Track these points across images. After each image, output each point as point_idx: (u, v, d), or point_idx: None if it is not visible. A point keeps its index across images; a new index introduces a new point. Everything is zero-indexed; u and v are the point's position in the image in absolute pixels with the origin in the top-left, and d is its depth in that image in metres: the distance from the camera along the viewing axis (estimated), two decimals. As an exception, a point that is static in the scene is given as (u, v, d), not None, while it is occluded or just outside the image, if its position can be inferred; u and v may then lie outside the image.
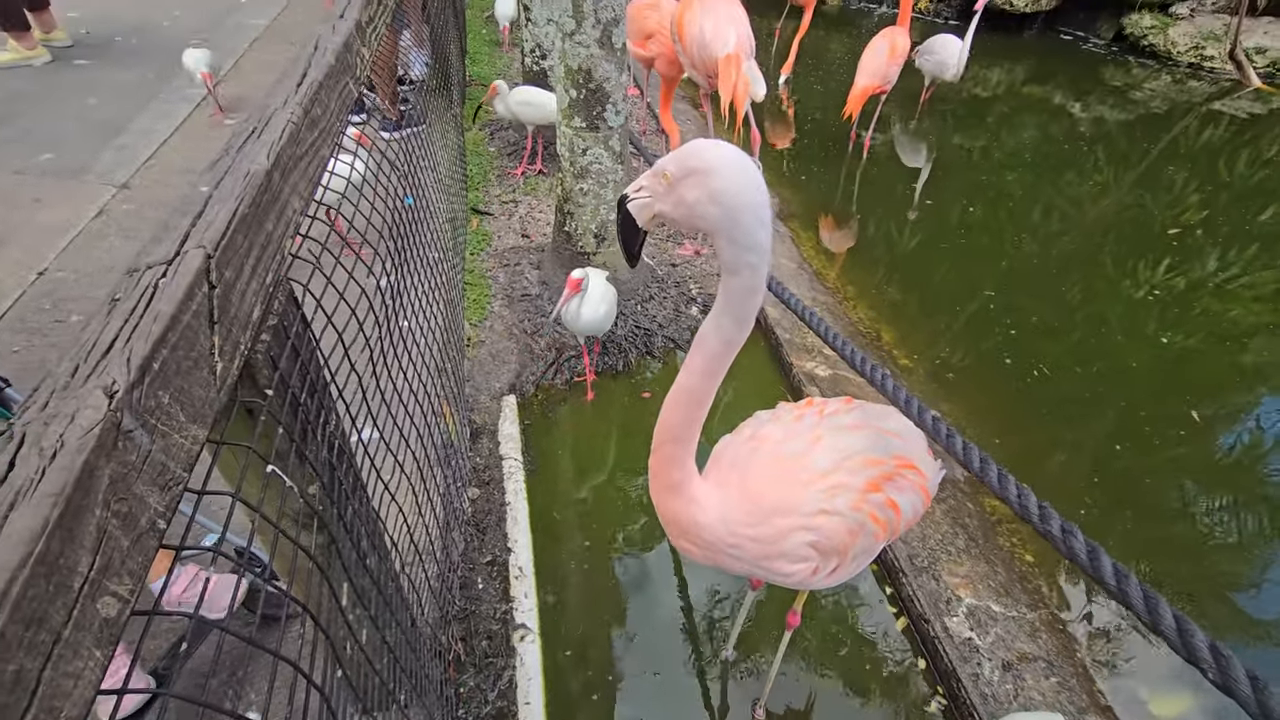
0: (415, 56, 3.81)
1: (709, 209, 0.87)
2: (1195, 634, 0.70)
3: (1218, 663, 0.67)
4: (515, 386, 2.56)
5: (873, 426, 1.34)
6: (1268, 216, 4.29)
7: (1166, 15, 6.69)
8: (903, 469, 1.31)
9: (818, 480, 1.22)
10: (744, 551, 1.18)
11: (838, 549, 1.23)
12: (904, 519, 1.32)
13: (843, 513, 1.21)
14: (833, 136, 5.01)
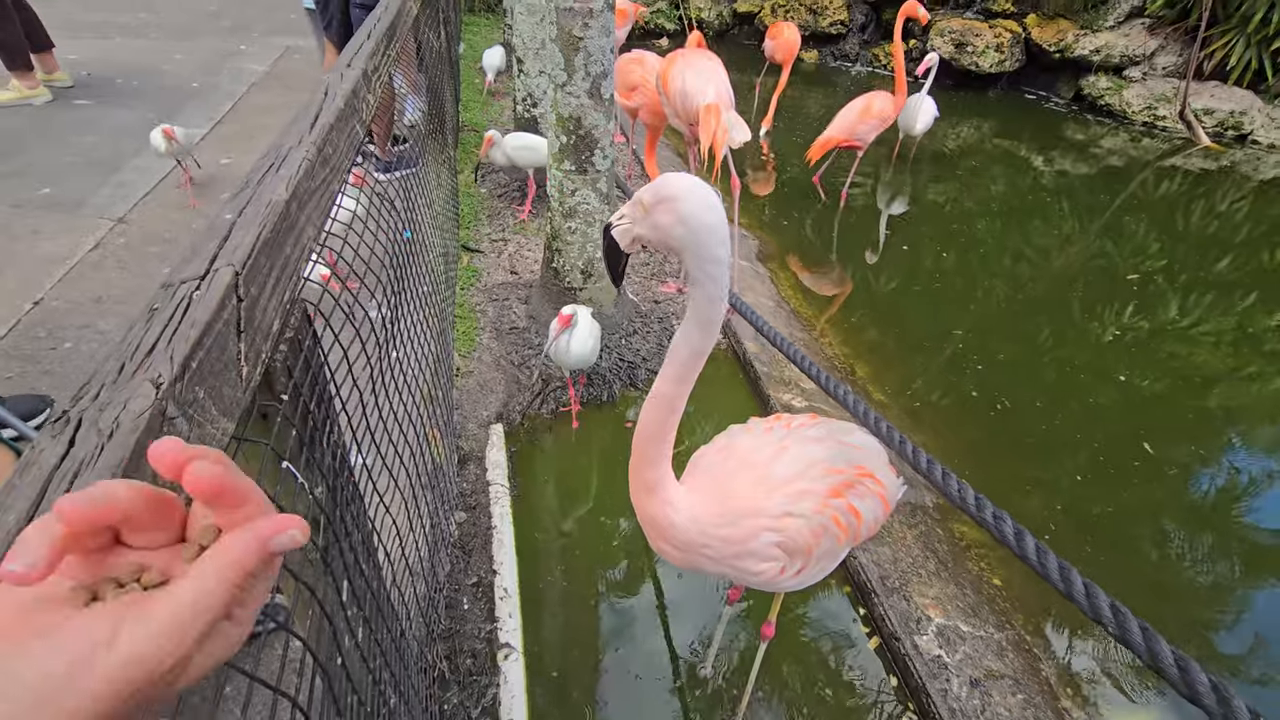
0: (410, 102, 3.97)
1: (677, 229, 1.02)
2: (1159, 642, 0.76)
3: (1180, 669, 0.72)
4: (503, 415, 2.63)
5: (836, 439, 1.46)
6: (1224, 266, 4.54)
7: (1121, 78, 7.14)
8: (863, 477, 1.42)
9: (783, 485, 1.32)
10: (716, 551, 1.27)
11: (802, 549, 1.32)
12: (865, 524, 1.42)
13: (806, 515, 1.31)
14: (809, 186, 5.25)
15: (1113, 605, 0.79)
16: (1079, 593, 0.82)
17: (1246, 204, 5.58)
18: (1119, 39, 7.05)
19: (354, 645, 1.20)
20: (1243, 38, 6.49)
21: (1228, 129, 6.61)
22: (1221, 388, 3.37)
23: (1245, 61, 6.55)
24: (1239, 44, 6.53)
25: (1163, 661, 0.72)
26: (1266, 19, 6.24)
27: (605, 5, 2.25)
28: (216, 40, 6.13)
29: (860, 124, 4.36)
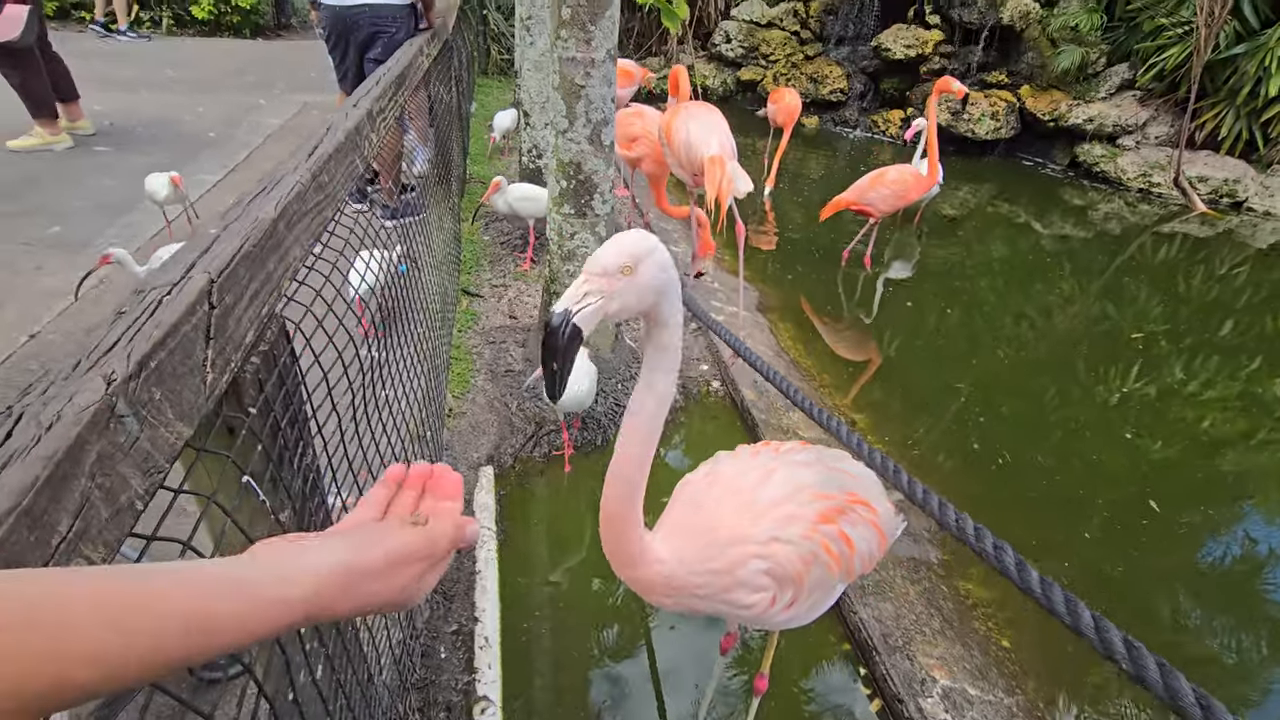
0: (419, 153, 4.07)
1: (662, 276, 1.00)
2: (1177, 679, 0.69)
3: (1202, 708, 0.66)
4: (494, 458, 2.57)
5: (826, 465, 1.41)
6: (1227, 330, 4.50)
7: (1115, 146, 7.32)
8: (854, 504, 1.36)
9: (770, 510, 1.27)
10: (707, 588, 1.21)
11: (792, 578, 1.26)
12: (859, 554, 1.36)
13: (795, 541, 1.25)
14: (810, 243, 5.31)
15: (1125, 640, 0.72)
16: (1087, 627, 0.75)
17: (1246, 269, 5.61)
18: (1111, 109, 7.27)
19: (314, 689, 1.12)
20: (1232, 109, 6.67)
21: (1223, 196, 6.72)
22: (1229, 450, 3.28)
23: (1236, 132, 6.72)
24: (1229, 115, 6.71)
25: (1183, 700, 0.65)
26: (1254, 92, 6.43)
27: (607, 56, 2.32)
28: (238, 95, 6.37)
29: (870, 190, 4.33)
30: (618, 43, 2.35)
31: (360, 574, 0.52)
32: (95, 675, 0.35)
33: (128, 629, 0.37)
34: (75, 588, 0.37)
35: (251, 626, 0.44)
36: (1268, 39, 6.29)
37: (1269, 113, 6.47)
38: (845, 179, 7.22)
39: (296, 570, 0.50)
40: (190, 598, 0.42)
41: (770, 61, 9.12)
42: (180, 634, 0.40)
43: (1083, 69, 7.47)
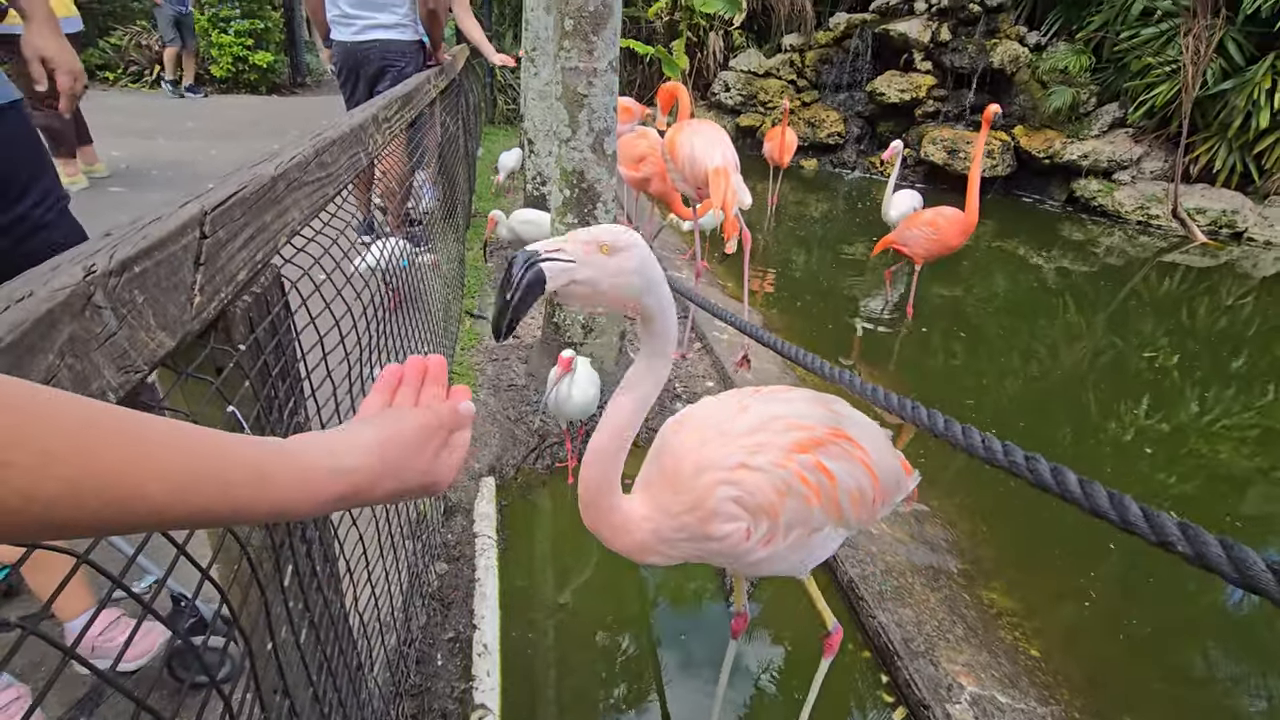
0: (427, 190, 4.13)
1: (633, 278, 0.97)
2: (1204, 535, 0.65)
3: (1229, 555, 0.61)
4: (495, 469, 2.51)
5: (809, 401, 1.35)
6: (1240, 363, 4.42)
7: (1111, 181, 7.43)
8: (836, 438, 1.28)
9: (738, 438, 1.22)
10: (687, 528, 1.19)
11: (765, 509, 1.20)
12: (844, 490, 1.28)
13: (765, 469, 1.20)
14: (814, 276, 5.34)
15: (1182, 525, 0.66)
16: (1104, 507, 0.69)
17: (1251, 300, 5.59)
18: (1105, 146, 7.41)
19: (307, 687, 1.05)
20: (1224, 143, 6.79)
21: (1222, 227, 6.76)
22: (1249, 485, 3.17)
23: (1230, 165, 6.82)
24: (1221, 149, 6.83)
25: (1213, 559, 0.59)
26: (1245, 125, 6.56)
27: (608, 66, 2.37)
28: (253, 142, 6.56)
29: (906, 229, 4.21)
30: (621, 82, 2.41)
31: (397, 446, 0.56)
32: (165, 492, 0.38)
33: (197, 455, 0.41)
34: (152, 420, 0.41)
35: (306, 492, 0.48)
36: (1254, 74, 6.45)
37: (1261, 145, 6.58)
38: (844, 218, 7.35)
39: (342, 444, 0.53)
40: (251, 449, 0.46)
41: (768, 108, 9.39)
42: (242, 482, 0.43)
43: (1074, 108, 7.65)
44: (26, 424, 0.33)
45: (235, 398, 0.92)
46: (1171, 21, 6.95)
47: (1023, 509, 2.69)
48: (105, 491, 0.35)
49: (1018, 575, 2.29)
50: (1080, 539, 2.56)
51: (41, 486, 0.32)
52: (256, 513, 0.45)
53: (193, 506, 0.40)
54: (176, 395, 0.84)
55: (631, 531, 1.21)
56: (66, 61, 1.56)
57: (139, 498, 0.37)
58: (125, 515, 0.36)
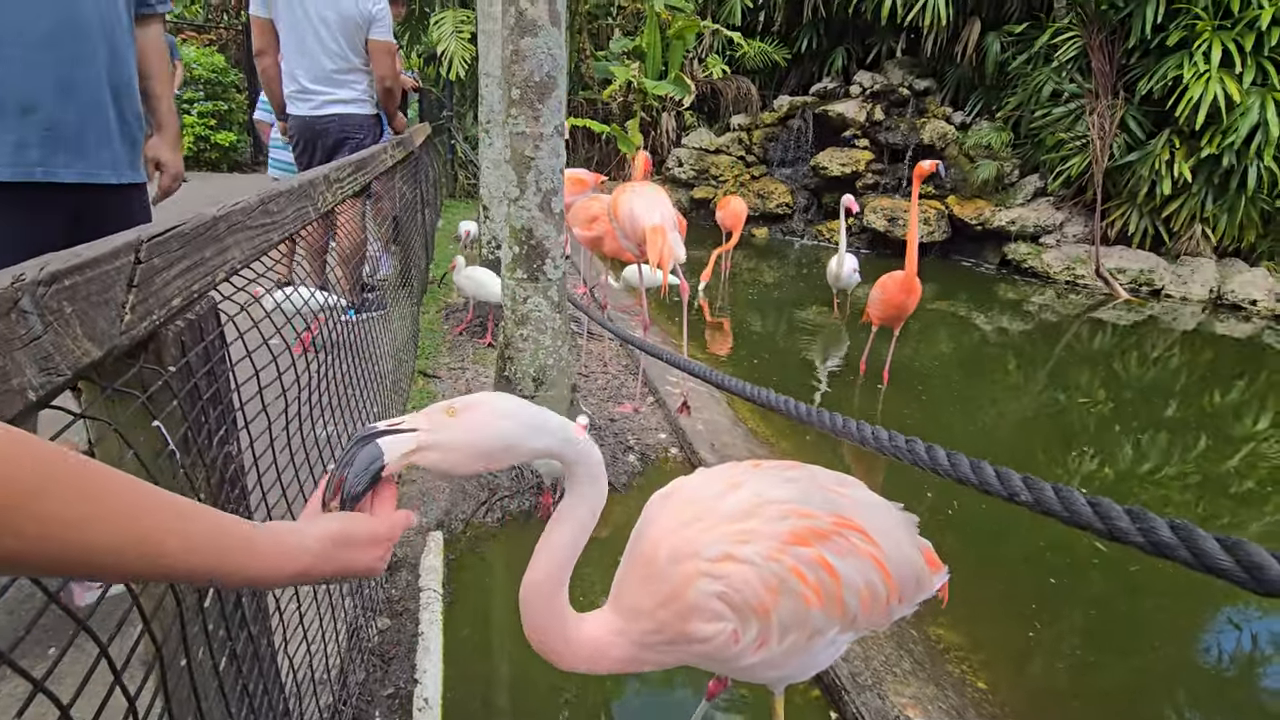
0: (383, 260, 4.21)
1: (502, 422, 0.88)
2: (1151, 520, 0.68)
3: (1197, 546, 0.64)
4: (443, 523, 2.47)
5: (814, 482, 1.20)
6: (1172, 412, 4.65)
7: (1038, 244, 7.95)
8: (843, 528, 1.13)
9: (725, 523, 1.08)
10: (666, 628, 1.06)
11: (755, 608, 1.05)
12: (852, 592, 1.11)
13: (754, 561, 1.05)
14: (767, 337, 5.51)
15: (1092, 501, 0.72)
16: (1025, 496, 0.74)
17: (1176, 352, 5.94)
18: (1030, 213, 7.97)
19: None
20: (1135, 209, 7.38)
21: (1142, 284, 7.25)
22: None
23: (1142, 228, 7.39)
24: (1133, 214, 7.41)
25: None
26: (1151, 193, 7.15)
27: (554, 131, 2.53)
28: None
29: (870, 293, 4.31)
30: (579, 158, 2.57)
31: (349, 546, 0.68)
32: (180, 549, 0.51)
33: (208, 521, 0.55)
34: (178, 498, 0.54)
35: (280, 562, 0.61)
36: (1154, 147, 7.10)
37: (1167, 210, 7.16)
38: (793, 283, 7.66)
39: (308, 528, 0.67)
40: (244, 525, 0.58)
41: (720, 181, 9.88)
42: (238, 549, 0.56)
43: (1000, 179, 8.26)
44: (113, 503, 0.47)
45: (162, 416, 0.94)
46: (1078, 101, 7.65)
47: (967, 546, 2.75)
48: (143, 545, 0.47)
49: (964, 610, 2.32)
50: (1023, 573, 2.62)
51: (98, 539, 0.45)
52: (248, 574, 0.57)
53: (194, 564, 0.52)
54: (101, 408, 0.86)
55: (605, 653, 1.09)
56: (175, 167, 1.97)
57: (159, 551, 0.49)
58: (149, 564, 0.49)
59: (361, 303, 4.15)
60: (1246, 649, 2.38)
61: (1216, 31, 6.81)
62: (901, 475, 3.22)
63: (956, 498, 3.07)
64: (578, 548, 1.03)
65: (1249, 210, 6.94)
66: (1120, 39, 7.52)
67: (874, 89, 9.30)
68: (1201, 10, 6.94)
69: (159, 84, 1.88)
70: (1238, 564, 0.55)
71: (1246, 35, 6.70)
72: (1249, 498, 3.48)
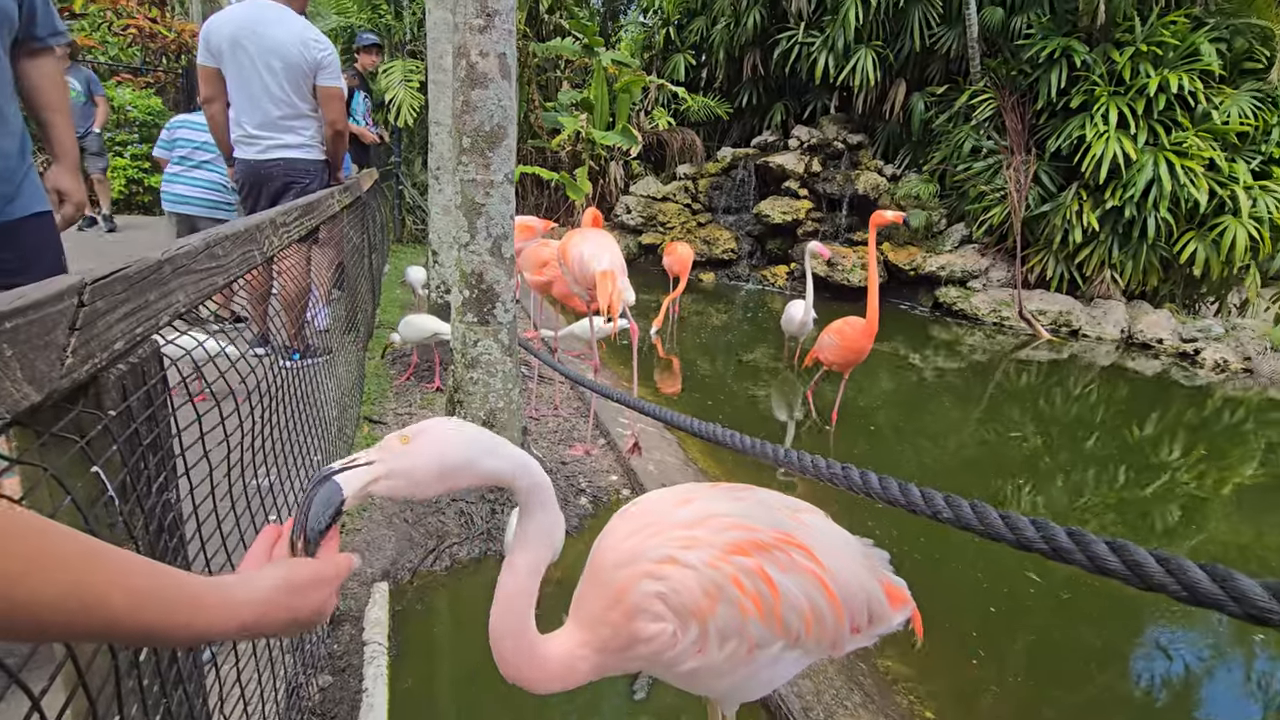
0: (320, 310, 4.15)
1: (451, 446, 0.93)
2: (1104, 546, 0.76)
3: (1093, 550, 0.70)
4: (389, 573, 2.40)
5: (762, 501, 1.24)
6: (1091, 443, 4.94)
7: (966, 288, 8.41)
8: (785, 544, 1.15)
9: (671, 530, 1.13)
10: (617, 630, 1.11)
11: (693, 611, 1.09)
12: (792, 608, 1.13)
13: (695, 566, 1.09)
14: (714, 377, 5.61)
15: (1070, 531, 0.77)
16: (970, 519, 0.80)
17: (1095, 389, 6.33)
18: (957, 259, 8.45)
19: None
20: (1051, 255, 7.92)
21: (1061, 325, 7.73)
22: None
23: (1059, 273, 7.92)
24: (1050, 260, 7.95)
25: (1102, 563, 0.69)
26: (1065, 241, 7.71)
27: (504, 179, 2.58)
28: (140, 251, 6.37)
29: (821, 337, 4.46)
30: (528, 205, 2.64)
31: (293, 592, 0.67)
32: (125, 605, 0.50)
33: (154, 576, 0.53)
34: (126, 553, 0.54)
35: (226, 615, 0.59)
36: (1064, 199, 7.69)
37: (1080, 256, 7.72)
38: (740, 326, 7.85)
39: (253, 579, 0.66)
40: (191, 578, 0.58)
41: (667, 228, 10.14)
42: (185, 603, 0.55)
43: (929, 228, 8.75)
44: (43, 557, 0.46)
45: (101, 462, 0.91)
46: (995, 157, 8.26)
47: (912, 579, 2.82)
48: (87, 600, 0.47)
49: (911, 640, 2.38)
50: (964, 603, 2.70)
51: (41, 595, 0.44)
52: (195, 629, 0.56)
53: (141, 621, 0.50)
54: (36, 453, 0.83)
55: (575, 668, 1.13)
56: (78, 195, 1.97)
57: (104, 606, 0.48)
58: (94, 621, 0.47)
59: (303, 349, 4.06)
60: (1176, 669, 2.51)
61: (1112, 97, 7.52)
62: (853, 514, 3.31)
63: (896, 528, 3.16)
64: (538, 573, 1.07)
65: (1150, 257, 7.56)
66: (1030, 101, 8.21)
67: (811, 142, 9.81)
68: (1098, 78, 7.66)
69: (55, 114, 1.90)
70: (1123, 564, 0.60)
71: (1138, 100, 7.41)
72: (1162, 520, 3.70)
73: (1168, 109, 7.39)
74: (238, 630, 0.61)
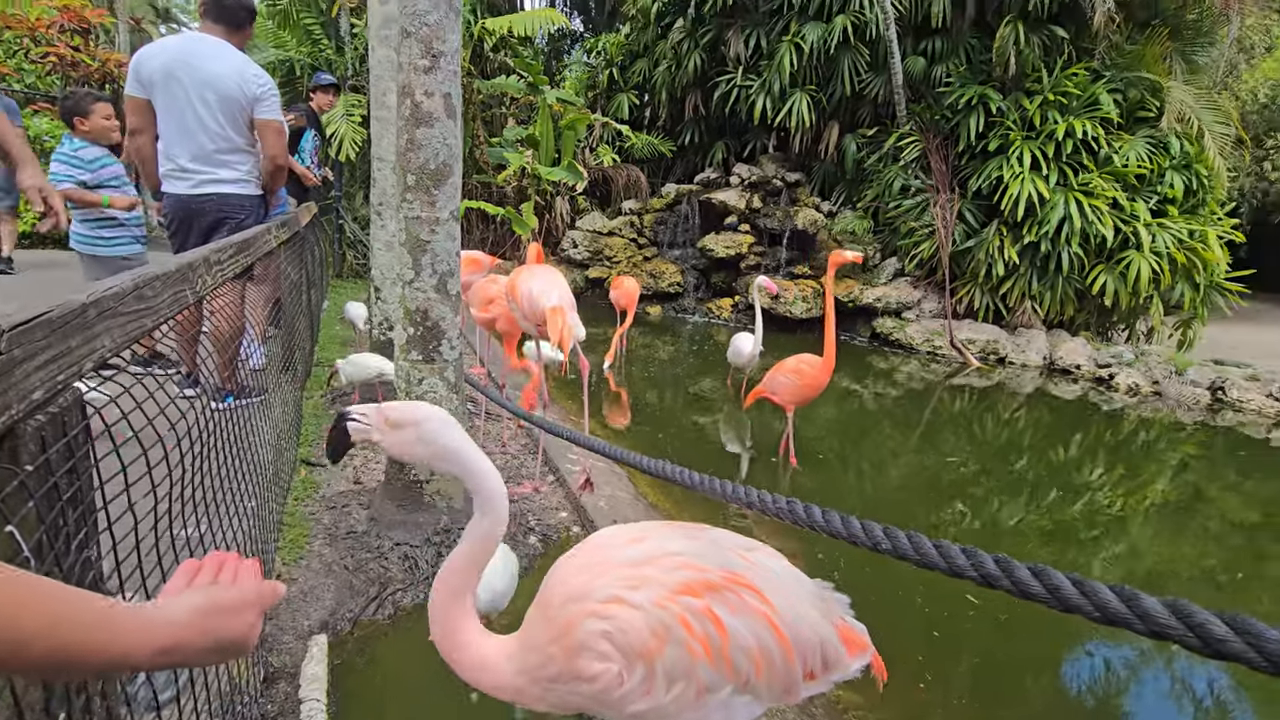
0: (255, 350, 4.02)
1: (419, 448, 1.15)
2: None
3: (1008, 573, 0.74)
4: (328, 625, 2.28)
5: (716, 543, 1.23)
6: (1020, 466, 5.18)
7: (901, 319, 8.77)
8: (735, 584, 1.14)
9: (620, 568, 1.14)
10: (555, 664, 1.11)
11: (640, 652, 1.08)
12: (740, 650, 1.12)
13: (643, 606, 1.09)
14: (659, 409, 5.65)
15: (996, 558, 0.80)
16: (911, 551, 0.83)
17: (1022, 413, 6.66)
18: (892, 291, 8.83)
19: None
20: (977, 287, 8.37)
21: (989, 354, 8.13)
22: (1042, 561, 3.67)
23: (985, 304, 8.37)
24: (976, 292, 8.39)
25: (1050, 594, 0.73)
26: (989, 274, 8.17)
27: (450, 216, 2.57)
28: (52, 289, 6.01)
29: (773, 378, 4.39)
30: (475, 240, 2.63)
31: (217, 613, 0.65)
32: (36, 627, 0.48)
33: (63, 599, 0.52)
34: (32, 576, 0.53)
35: (145, 638, 0.57)
36: (987, 235, 8.18)
37: (1003, 288, 8.19)
38: (688, 359, 7.95)
39: (170, 603, 0.64)
40: (101, 600, 0.56)
41: (614, 262, 10.25)
42: (97, 625, 0.53)
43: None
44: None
45: (15, 521, 0.86)
46: (923, 195, 8.74)
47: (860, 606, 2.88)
48: None
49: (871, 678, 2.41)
50: (911, 629, 2.76)
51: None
52: (110, 653, 0.54)
53: (55, 644, 0.49)
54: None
55: (491, 670, 1.18)
56: (53, 191, 2.21)
57: (12, 628, 0.46)
58: (3, 645, 0.45)
59: (237, 389, 3.89)
60: (1110, 678, 2.62)
61: (1025, 141, 8.10)
62: (815, 543, 3.36)
63: (845, 557, 3.23)
64: (485, 555, 1.20)
65: (1066, 289, 8.08)
66: (952, 143, 8.75)
67: (752, 179, 10.15)
68: (1012, 123, 8.26)
69: None
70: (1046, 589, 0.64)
71: (1048, 144, 8.01)
72: (1086, 538, 3.90)
73: (1074, 153, 8.00)
74: (156, 654, 0.58)
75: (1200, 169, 8.01)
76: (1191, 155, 8.02)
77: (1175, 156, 8.01)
